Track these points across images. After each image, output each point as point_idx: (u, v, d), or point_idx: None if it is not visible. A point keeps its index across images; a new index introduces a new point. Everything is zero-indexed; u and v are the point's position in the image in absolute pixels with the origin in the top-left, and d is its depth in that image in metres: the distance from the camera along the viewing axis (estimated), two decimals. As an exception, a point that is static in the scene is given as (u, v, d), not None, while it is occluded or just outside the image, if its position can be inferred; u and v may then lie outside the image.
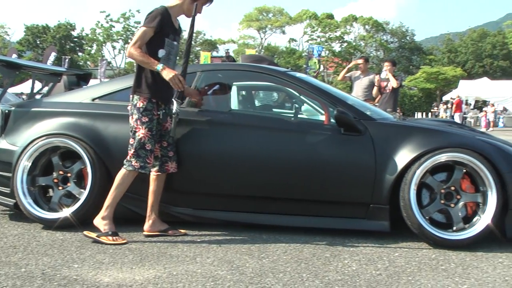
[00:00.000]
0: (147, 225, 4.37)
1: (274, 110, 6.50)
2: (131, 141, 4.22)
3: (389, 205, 4.21)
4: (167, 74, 4.13)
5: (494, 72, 57.69)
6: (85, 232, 4.19)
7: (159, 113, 4.29)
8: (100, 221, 4.19)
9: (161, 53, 4.26)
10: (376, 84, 9.75)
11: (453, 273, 3.52)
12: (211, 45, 68.18)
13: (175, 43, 4.40)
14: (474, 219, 4.14)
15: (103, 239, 4.11)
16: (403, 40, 68.56)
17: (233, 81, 5.34)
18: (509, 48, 60.23)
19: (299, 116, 4.72)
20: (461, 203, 4.16)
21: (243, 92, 6.11)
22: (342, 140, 4.34)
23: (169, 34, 4.30)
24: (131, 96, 4.28)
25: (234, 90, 5.84)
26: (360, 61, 10.07)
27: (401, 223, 4.19)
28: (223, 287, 3.19)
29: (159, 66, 4.13)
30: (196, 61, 52.80)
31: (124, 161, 4.21)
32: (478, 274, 3.51)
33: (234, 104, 5.71)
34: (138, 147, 4.17)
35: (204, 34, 70.22)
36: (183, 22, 4.60)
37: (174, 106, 4.28)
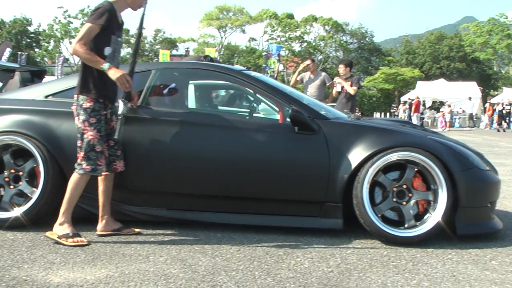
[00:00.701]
0: (100, 225, 4.31)
1: (229, 108, 6.50)
2: (79, 143, 4.10)
3: (343, 203, 4.26)
4: (114, 73, 4.03)
5: (451, 74, 58.73)
6: (47, 233, 4.09)
7: (105, 112, 4.19)
8: (59, 228, 4.07)
9: (107, 51, 4.15)
10: (334, 84, 9.85)
11: (404, 269, 3.58)
12: (171, 44, 67.72)
13: (120, 39, 4.30)
14: (425, 217, 4.23)
15: (63, 240, 4.01)
16: (362, 41, 69.21)
17: (189, 80, 5.32)
18: (465, 50, 61.45)
19: (254, 115, 4.73)
20: (412, 201, 4.24)
21: (200, 91, 6.08)
22: (297, 139, 4.36)
23: (115, 31, 4.19)
24: (75, 96, 4.14)
25: (191, 88, 5.82)
26: (308, 61, 10.14)
27: (354, 220, 4.24)
28: (175, 285, 3.18)
29: (106, 65, 4.02)
30: (156, 59, 52.38)
31: (75, 165, 4.10)
32: (427, 269, 3.58)
33: (191, 103, 5.69)
34: (88, 150, 4.06)
35: (164, 32, 69.76)
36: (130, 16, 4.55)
37: (120, 107, 4.18)
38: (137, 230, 4.39)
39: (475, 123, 35.14)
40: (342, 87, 9.63)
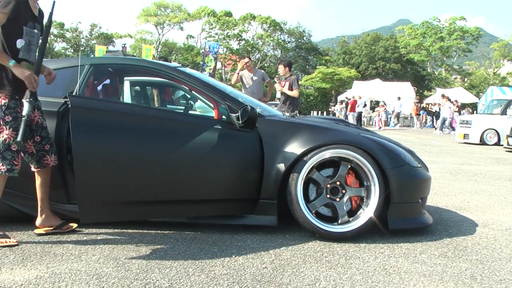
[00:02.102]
0: (39, 220, 4.18)
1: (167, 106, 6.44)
2: None
3: (277, 200, 4.27)
4: (22, 72, 3.79)
5: (386, 74, 60.14)
6: None
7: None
8: None
9: (20, 43, 3.91)
10: (279, 89, 9.98)
11: (336, 263, 3.64)
12: (107, 39, 66.53)
13: (36, 31, 4.03)
14: (358, 213, 4.31)
15: None
16: (300, 40, 69.85)
17: (124, 76, 5.25)
18: (400, 52, 62.99)
19: (190, 112, 4.68)
20: (346, 197, 4.31)
21: (135, 87, 6.01)
22: (231, 136, 4.30)
23: (27, 21, 3.94)
24: None
25: (126, 84, 5.74)
26: (246, 59, 10.17)
27: (289, 217, 4.27)
28: (107, 285, 3.13)
29: (11, 62, 3.79)
30: (92, 55, 51.31)
31: None
32: (359, 264, 3.65)
33: (126, 99, 5.62)
34: (3, 149, 3.87)
35: (100, 27, 68.46)
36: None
37: (25, 108, 3.86)
38: (74, 225, 4.28)
39: (410, 122, 36.06)
40: (284, 84, 9.76)
